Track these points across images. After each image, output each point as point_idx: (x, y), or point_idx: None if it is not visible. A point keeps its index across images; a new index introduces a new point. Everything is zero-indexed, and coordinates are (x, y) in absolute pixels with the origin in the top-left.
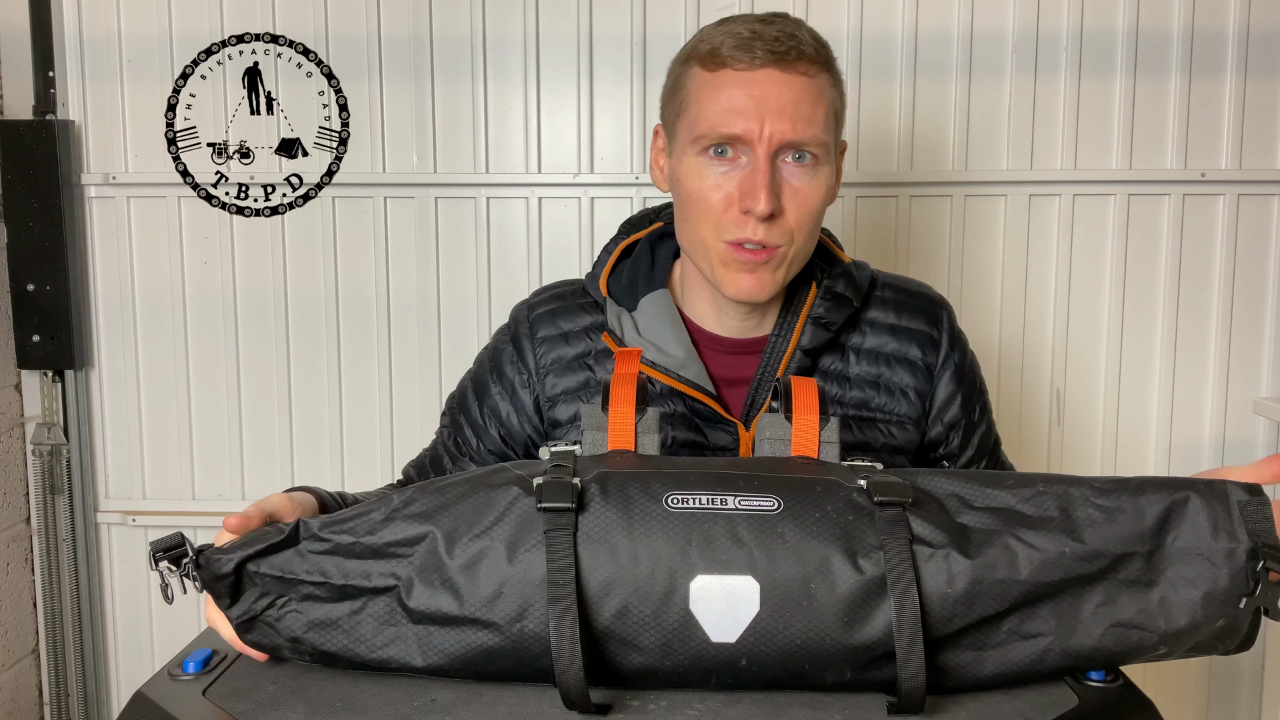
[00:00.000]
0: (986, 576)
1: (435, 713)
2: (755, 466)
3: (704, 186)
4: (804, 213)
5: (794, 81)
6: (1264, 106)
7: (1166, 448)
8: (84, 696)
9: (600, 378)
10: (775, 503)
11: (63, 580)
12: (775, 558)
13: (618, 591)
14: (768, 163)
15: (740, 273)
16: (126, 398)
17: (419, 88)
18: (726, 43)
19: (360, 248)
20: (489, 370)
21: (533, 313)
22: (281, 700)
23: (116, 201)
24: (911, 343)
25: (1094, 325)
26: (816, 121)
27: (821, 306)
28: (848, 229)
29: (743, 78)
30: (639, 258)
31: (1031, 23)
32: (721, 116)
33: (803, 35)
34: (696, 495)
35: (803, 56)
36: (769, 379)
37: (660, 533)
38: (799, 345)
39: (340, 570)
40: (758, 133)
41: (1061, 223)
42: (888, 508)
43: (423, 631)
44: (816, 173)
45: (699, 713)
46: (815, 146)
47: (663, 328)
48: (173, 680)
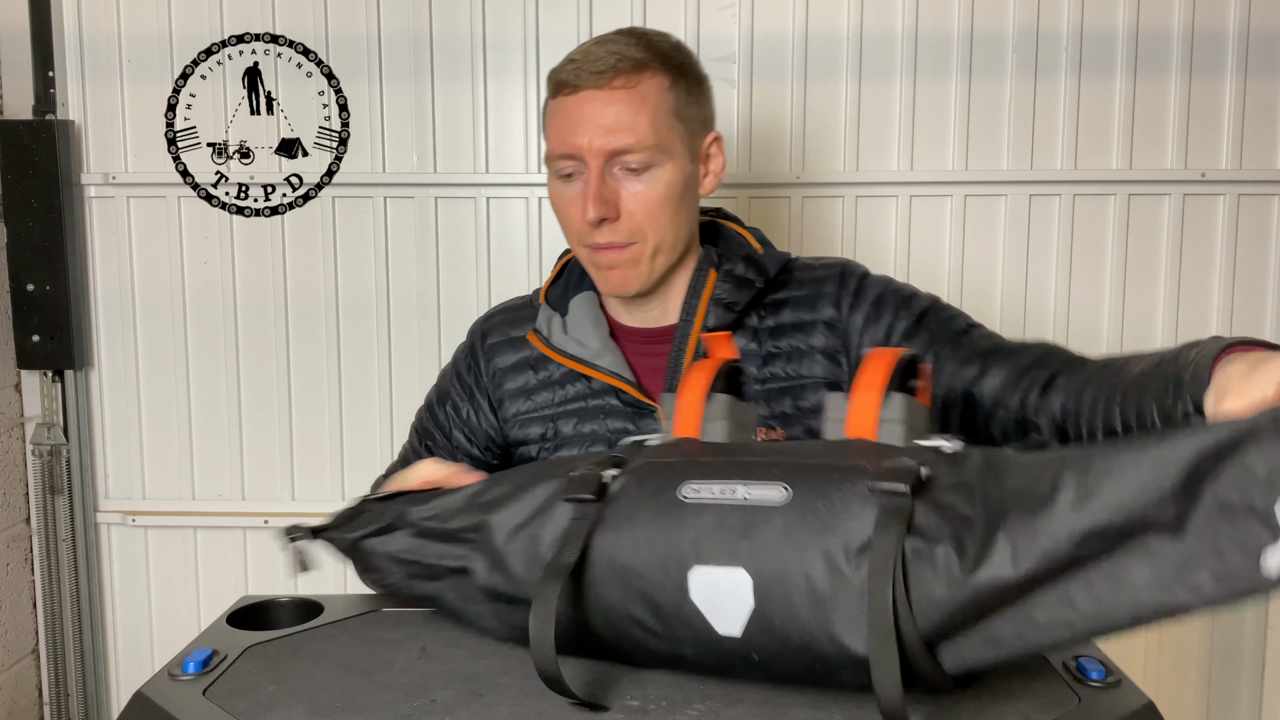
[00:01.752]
0: (984, 579)
1: (435, 713)
2: (791, 453)
3: (560, 203)
4: (646, 210)
5: (612, 96)
6: (1264, 106)
7: None
8: (84, 696)
9: (540, 377)
10: (784, 492)
11: (63, 580)
12: (768, 550)
13: (633, 579)
14: (598, 174)
15: (605, 271)
16: (126, 398)
17: (419, 88)
18: (560, 72)
19: (360, 248)
20: (451, 379)
21: (485, 325)
22: (281, 700)
23: (116, 201)
24: (820, 305)
25: (1094, 325)
26: (639, 128)
27: (721, 289)
28: (847, 229)
29: (568, 102)
30: (573, 266)
31: (1031, 23)
32: (557, 140)
33: (629, 50)
34: (712, 485)
35: (621, 72)
36: (679, 362)
37: (669, 522)
38: (704, 326)
39: (428, 552)
40: (585, 148)
41: (1061, 223)
42: (889, 496)
43: (498, 607)
44: (651, 173)
45: (699, 713)
46: (640, 150)
47: (584, 324)
48: (173, 680)
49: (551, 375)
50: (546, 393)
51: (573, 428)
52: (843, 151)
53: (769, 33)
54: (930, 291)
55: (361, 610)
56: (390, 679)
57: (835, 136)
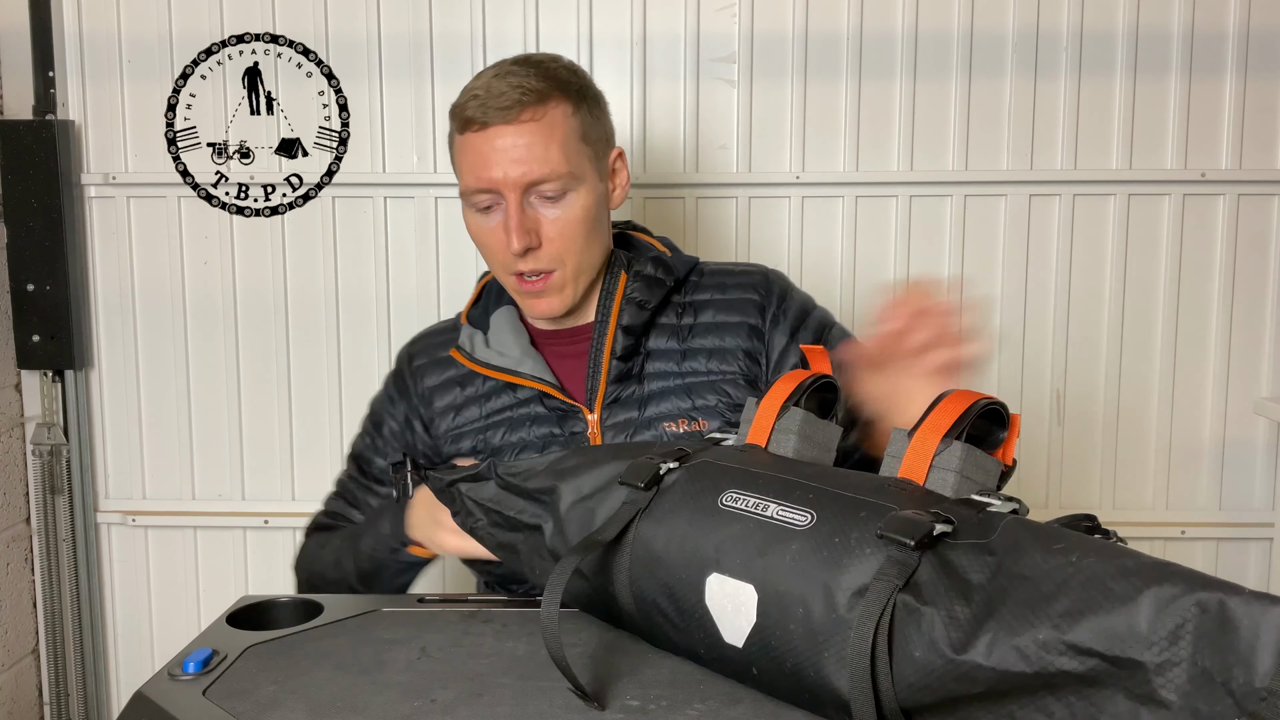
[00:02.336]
0: (964, 658)
1: (435, 713)
2: (836, 481)
3: (480, 233)
4: (566, 235)
5: (521, 130)
6: (1264, 106)
7: (1166, 448)
8: (84, 696)
9: (467, 393)
10: (809, 518)
11: (63, 580)
12: (778, 573)
13: (661, 571)
14: (517, 206)
15: (530, 299)
16: (126, 398)
17: (419, 88)
18: (466, 109)
19: (360, 248)
20: (384, 405)
21: (411, 349)
22: (281, 700)
23: (116, 201)
24: (739, 310)
25: (1094, 325)
26: (552, 158)
27: (633, 288)
28: (847, 229)
29: (478, 138)
30: (490, 286)
31: (1031, 23)
32: (470, 175)
33: (530, 82)
34: (749, 497)
35: (527, 105)
36: (598, 359)
37: (703, 525)
38: (619, 325)
39: (510, 505)
40: (502, 181)
41: (1061, 223)
42: (896, 547)
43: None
44: (567, 199)
45: (699, 713)
46: (555, 179)
47: (505, 336)
48: (173, 680)
49: (478, 390)
50: (474, 407)
51: (501, 437)
52: (843, 151)
53: (769, 33)
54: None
55: (361, 610)
56: (390, 679)
57: (835, 136)
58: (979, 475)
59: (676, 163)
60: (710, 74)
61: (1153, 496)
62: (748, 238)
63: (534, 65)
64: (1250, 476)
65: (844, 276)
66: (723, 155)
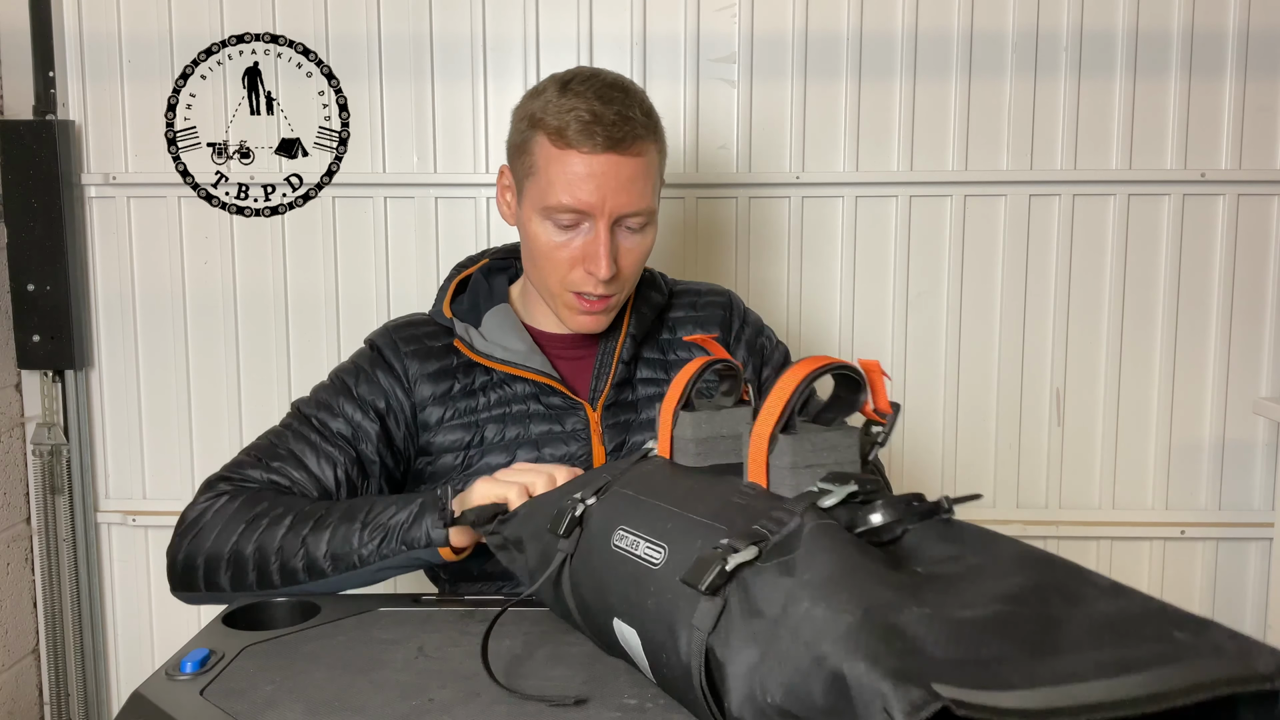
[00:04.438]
0: (764, 710)
1: (433, 712)
2: (693, 500)
3: (551, 248)
4: (635, 266)
5: (629, 164)
6: (1264, 106)
7: (1166, 448)
8: (84, 696)
9: (462, 385)
10: (663, 554)
11: (63, 580)
12: (645, 616)
13: (589, 615)
14: (608, 232)
15: (582, 315)
16: (126, 398)
17: (419, 88)
18: (572, 125)
19: (360, 248)
20: (363, 378)
21: (394, 335)
22: (279, 700)
23: (116, 201)
24: (710, 325)
25: (1094, 325)
26: (647, 194)
27: (639, 301)
28: (847, 229)
29: (586, 160)
30: (476, 286)
31: (1031, 23)
32: (568, 192)
33: (636, 114)
34: (630, 535)
35: (637, 139)
36: (608, 360)
37: (605, 572)
38: (629, 332)
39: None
40: (599, 208)
41: (1061, 223)
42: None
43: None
44: (645, 232)
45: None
46: (645, 214)
47: (505, 332)
48: (170, 680)
49: (473, 382)
50: (469, 399)
51: (497, 432)
52: (843, 151)
53: (769, 33)
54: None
55: (358, 610)
56: (387, 678)
57: (835, 136)
58: (826, 456)
59: (676, 163)
60: (710, 74)
61: (1153, 496)
62: (748, 238)
63: (632, 95)
64: (1250, 476)
65: (844, 276)
66: (722, 155)
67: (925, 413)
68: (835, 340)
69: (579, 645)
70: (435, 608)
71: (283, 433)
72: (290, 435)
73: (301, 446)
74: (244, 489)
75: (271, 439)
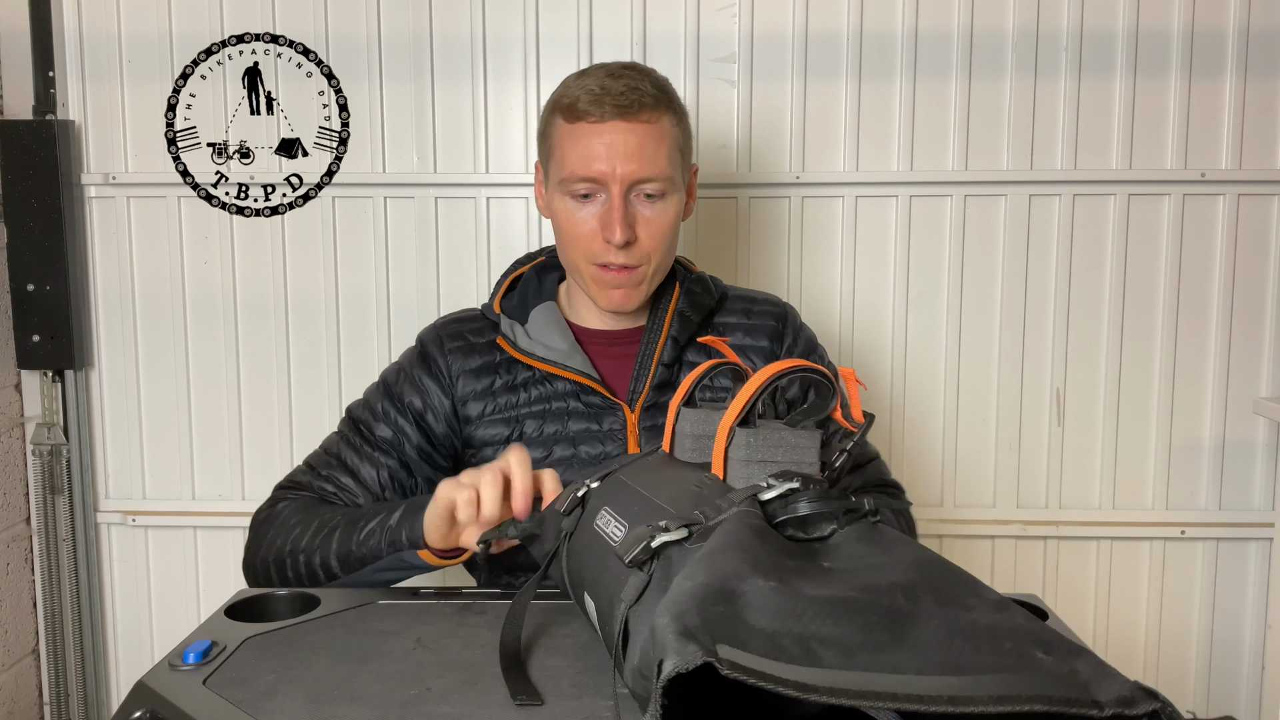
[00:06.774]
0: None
1: (431, 701)
2: (660, 487)
3: (571, 221)
4: (656, 237)
5: (638, 129)
6: (1264, 106)
7: (1166, 448)
8: (84, 696)
9: (504, 381)
10: (621, 532)
11: (63, 580)
12: (600, 588)
13: (577, 588)
14: (621, 199)
15: (609, 289)
16: (126, 398)
17: (419, 88)
18: (582, 98)
19: (360, 248)
20: (404, 379)
21: (441, 331)
22: (280, 689)
23: (116, 201)
24: (760, 335)
25: (1094, 325)
26: (660, 161)
27: (684, 302)
28: (848, 229)
29: (595, 129)
30: (527, 282)
31: (1031, 23)
32: (581, 163)
33: (645, 86)
34: (608, 515)
35: (645, 107)
36: (647, 363)
37: (586, 547)
38: (669, 334)
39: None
40: (610, 174)
41: (1061, 223)
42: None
43: None
44: (664, 202)
45: None
46: (661, 181)
47: (549, 330)
48: (173, 670)
49: (515, 379)
50: (510, 395)
51: (536, 428)
52: (843, 151)
53: (769, 32)
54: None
55: (358, 603)
56: (386, 668)
57: (835, 136)
58: (780, 454)
59: None
60: (710, 74)
61: (1153, 496)
62: (748, 238)
63: (644, 73)
64: (1250, 476)
65: (844, 276)
66: (723, 155)
67: (925, 412)
68: (836, 340)
69: (574, 636)
70: (433, 600)
71: (335, 440)
72: (341, 442)
73: (349, 453)
74: (295, 496)
75: (325, 446)
